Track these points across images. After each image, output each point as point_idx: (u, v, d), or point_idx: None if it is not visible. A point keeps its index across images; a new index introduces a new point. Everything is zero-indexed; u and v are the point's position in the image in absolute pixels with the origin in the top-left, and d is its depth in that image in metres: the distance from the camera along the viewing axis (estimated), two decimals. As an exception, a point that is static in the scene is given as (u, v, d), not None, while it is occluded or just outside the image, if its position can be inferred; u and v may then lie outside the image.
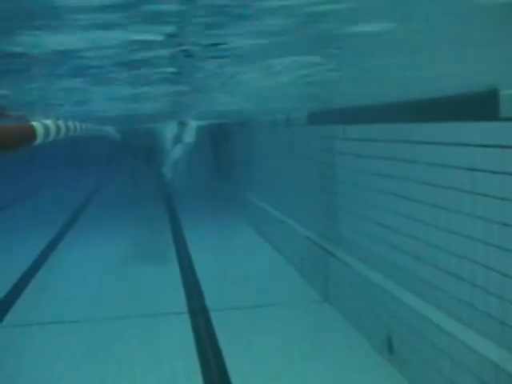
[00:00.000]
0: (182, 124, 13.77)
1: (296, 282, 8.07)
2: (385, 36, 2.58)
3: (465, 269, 4.46)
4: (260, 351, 5.79)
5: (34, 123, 5.18)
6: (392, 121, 5.61)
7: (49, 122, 5.69)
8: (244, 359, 5.62)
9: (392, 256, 5.67)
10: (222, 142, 15.66)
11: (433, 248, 4.91)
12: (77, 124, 7.00)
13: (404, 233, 5.42)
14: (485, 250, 4.21)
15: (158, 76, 3.92)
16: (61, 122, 6.14)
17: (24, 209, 15.88)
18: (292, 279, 8.20)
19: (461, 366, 4.25)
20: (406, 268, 5.40)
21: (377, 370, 5.34)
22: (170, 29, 2.29)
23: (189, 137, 13.56)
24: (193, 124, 13.27)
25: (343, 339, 6.04)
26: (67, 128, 6.36)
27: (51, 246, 10.76)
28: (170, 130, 14.96)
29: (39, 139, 5.16)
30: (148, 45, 2.60)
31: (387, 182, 5.75)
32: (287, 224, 9.15)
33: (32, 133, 4.98)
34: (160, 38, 2.43)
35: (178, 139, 14.36)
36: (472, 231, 4.36)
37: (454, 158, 4.58)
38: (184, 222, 12.88)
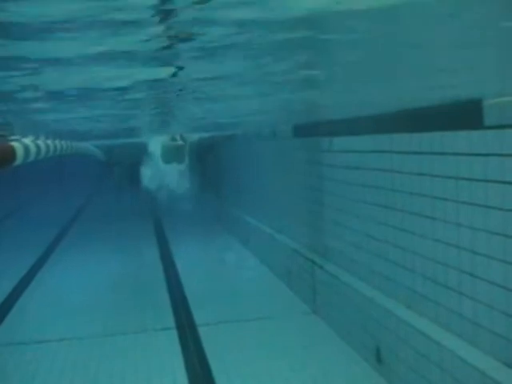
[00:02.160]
0: (176, 138, 12.76)
1: (284, 294, 8.05)
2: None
3: (452, 278, 4.47)
4: (249, 365, 5.75)
5: (14, 143, 5.11)
6: (377, 132, 5.63)
7: (29, 141, 5.62)
8: (233, 373, 5.58)
9: (379, 266, 5.67)
10: (209, 155, 15.58)
11: (420, 257, 4.92)
12: (57, 143, 6.91)
13: (391, 243, 5.43)
14: (471, 259, 4.22)
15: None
16: (41, 142, 6.06)
17: (8, 227, 15.76)
18: (280, 292, 8.18)
19: (449, 374, 4.24)
20: (393, 278, 5.40)
21: (365, 380, 5.33)
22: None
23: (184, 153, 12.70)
24: (192, 138, 12.50)
25: (332, 350, 6.02)
26: (48, 148, 6.29)
27: (37, 266, 10.65)
28: (157, 145, 14.10)
29: (19, 160, 5.10)
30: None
31: (374, 192, 5.76)
32: (274, 237, 9.13)
33: (11, 153, 4.91)
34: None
35: (169, 156, 13.29)
36: (458, 240, 4.37)
37: (439, 167, 4.60)
38: (170, 236, 12.83)
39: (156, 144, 14.08)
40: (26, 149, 5.41)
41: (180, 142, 12.65)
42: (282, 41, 2.38)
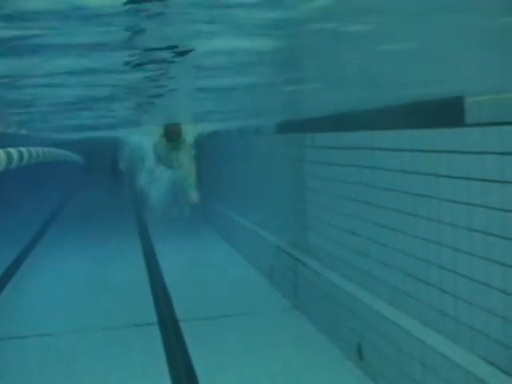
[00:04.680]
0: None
1: (266, 290, 8.06)
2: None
3: (433, 275, 4.49)
4: (231, 361, 5.76)
5: None
6: (360, 128, 5.65)
7: (11, 149, 5.63)
8: (215, 369, 5.58)
9: (361, 263, 5.69)
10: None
11: (402, 254, 4.94)
12: (39, 150, 6.93)
13: (373, 240, 5.45)
14: (453, 256, 4.25)
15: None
16: (23, 149, 6.07)
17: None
18: (262, 288, 8.19)
19: (431, 371, 4.27)
20: (375, 275, 5.43)
21: (347, 376, 5.35)
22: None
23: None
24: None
25: (313, 346, 6.04)
26: (30, 154, 6.30)
27: (19, 259, 10.57)
28: (149, 140, 11.54)
29: (1, 167, 5.12)
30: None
31: (356, 189, 5.78)
32: (256, 233, 9.14)
33: None
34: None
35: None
36: (440, 237, 4.40)
37: (420, 164, 4.62)
38: (152, 231, 12.78)
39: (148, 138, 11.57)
40: (9, 156, 5.42)
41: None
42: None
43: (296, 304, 7.19)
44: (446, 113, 4.31)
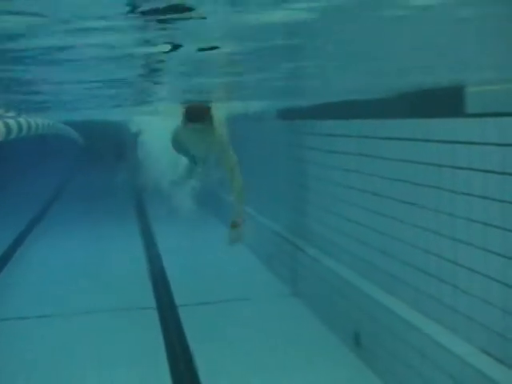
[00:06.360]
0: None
1: (265, 276, 8.08)
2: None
3: (431, 264, 4.50)
4: (228, 346, 5.78)
5: None
6: (360, 117, 5.64)
7: (10, 120, 5.60)
8: (212, 354, 5.61)
9: (360, 251, 5.70)
10: None
11: (400, 243, 4.95)
12: (39, 122, 6.88)
13: (371, 228, 5.46)
14: (451, 245, 4.26)
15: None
16: (23, 120, 6.03)
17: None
18: (261, 274, 8.21)
19: (427, 359, 4.29)
20: (373, 262, 5.44)
21: (344, 363, 5.38)
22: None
23: None
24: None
25: (311, 332, 6.07)
26: (29, 126, 6.27)
27: (18, 242, 10.58)
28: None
29: (0, 137, 5.11)
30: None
31: (355, 177, 5.78)
32: (256, 219, 9.14)
33: None
34: None
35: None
36: (438, 226, 4.40)
37: (420, 153, 4.61)
38: (151, 215, 12.76)
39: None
40: (7, 127, 5.40)
41: None
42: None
43: (294, 290, 7.21)
44: (446, 102, 4.30)
